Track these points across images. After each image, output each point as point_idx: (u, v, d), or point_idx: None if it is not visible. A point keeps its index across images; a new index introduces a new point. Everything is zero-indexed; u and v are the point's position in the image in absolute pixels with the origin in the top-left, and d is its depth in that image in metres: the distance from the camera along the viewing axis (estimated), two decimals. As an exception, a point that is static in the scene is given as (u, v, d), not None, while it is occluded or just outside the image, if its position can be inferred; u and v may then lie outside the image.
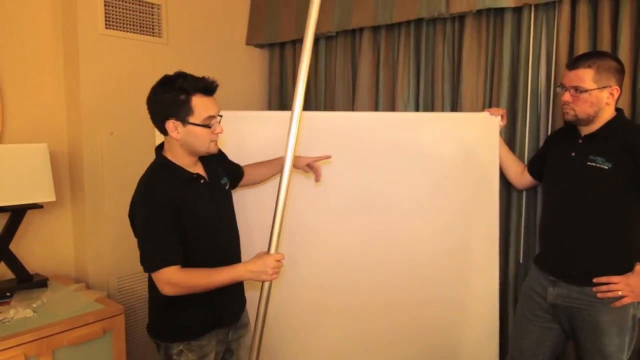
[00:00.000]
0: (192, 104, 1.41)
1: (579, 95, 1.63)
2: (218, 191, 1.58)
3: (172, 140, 1.46)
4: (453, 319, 2.09)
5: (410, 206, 2.04)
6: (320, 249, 2.05)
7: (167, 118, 1.41)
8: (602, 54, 1.71)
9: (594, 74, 1.60)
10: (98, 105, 2.30)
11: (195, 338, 1.50)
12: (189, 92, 1.41)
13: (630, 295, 1.58)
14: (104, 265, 2.36)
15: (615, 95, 1.61)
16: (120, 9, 2.36)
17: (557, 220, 1.75)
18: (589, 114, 1.64)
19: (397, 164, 2.03)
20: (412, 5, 2.30)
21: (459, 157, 2.03)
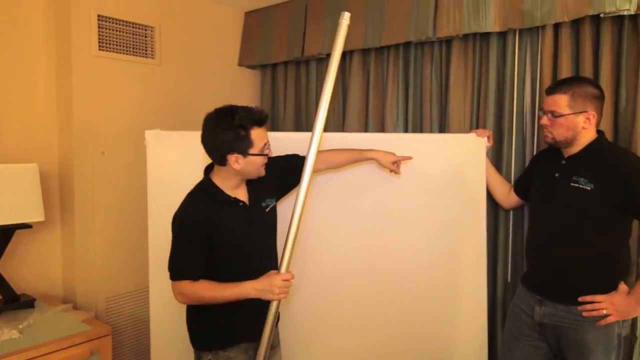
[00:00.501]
0: (252, 138, 1.51)
1: (556, 120, 1.68)
2: (257, 215, 1.63)
3: (223, 169, 1.55)
4: (442, 336, 2.09)
5: (399, 226, 2.06)
6: (310, 263, 2.04)
7: (229, 153, 1.50)
8: (579, 79, 1.76)
9: (568, 99, 1.65)
10: (90, 126, 2.31)
11: (223, 349, 1.58)
12: (247, 128, 1.50)
13: (614, 313, 1.60)
14: (92, 285, 2.35)
15: (592, 120, 1.65)
16: (114, 30, 2.39)
17: (543, 240, 1.78)
18: (567, 137, 1.68)
19: (387, 183, 2.05)
20: (400, 29, 2.36)
21: (447, 177, 2.06)
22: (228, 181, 1.58)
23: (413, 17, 2.31)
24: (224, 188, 1.57)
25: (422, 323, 2.08)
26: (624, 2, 1.77)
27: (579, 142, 1.69)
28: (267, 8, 2.94)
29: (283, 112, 3.00)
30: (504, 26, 2.08)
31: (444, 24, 2.22)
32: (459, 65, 2.29)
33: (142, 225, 2.06)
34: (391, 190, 2.06)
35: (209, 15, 2.86)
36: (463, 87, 2.29)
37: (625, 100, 1.88)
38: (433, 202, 2.06)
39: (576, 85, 1.67)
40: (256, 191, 1.65)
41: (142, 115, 2.51)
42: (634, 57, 1.86)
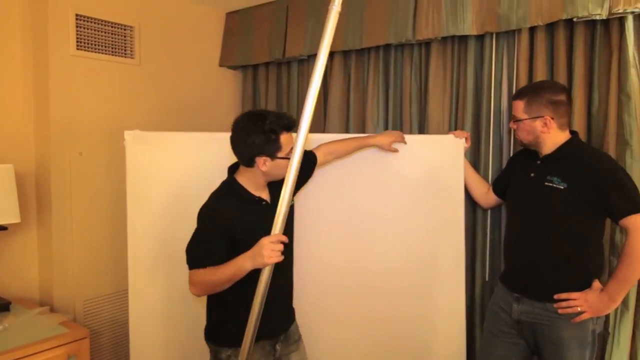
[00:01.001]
0: (281, 142, 1.56)
1: (518, 124, 1.79)
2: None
3: (249, 169, 1.61)
4: (421, 336, 2.11)
5: (377, 226, 2.08)
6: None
7: (258, 155, 1.56)
8: (538, 86, 1.82)
9: (524, 105, 1.75)
10: (68, 126, 2.28)
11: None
12: (277, 132, 1.55)
13: (589, 310, 1.64)
14: (69, 287, 2.31)
15: (550, 124, 1.71)
16: (92, 30, 2.37)
17: (519, 238, 1.82)
18: (529, 140, 1.78)
19: (366, 184, 2.07)
20: (380, 31, 2.38)
21: (425, 178, 2.09)
22: (252, 181, 1.63)
23: (393, 19, 2.34)
24: (248, 187, 1.63)
25: (400, 322, 2.10)
26: (595, 7, 1.82)
27: (548, 144, 1.74)
28: (248, 9, 2.94)
29: (264, 113, 2.99)
30: (481, 29, 2.12)
31: (422, 26, 2.25)
32: (437, 67, 2.32)
33: (121, 226, 2.04)
34: (369, 190, 2.07)
35: (190, 15, 2.85)
36: (442, 88, 2.33)
37: (598, 102, 1.93)
38: (412, 203, 2.09)
39: (533, 92, 1.76)
40: (277, 191, 1.65)
41: (121, 116, 2.48)
42: (606, 60, 1.91)
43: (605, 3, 1.81)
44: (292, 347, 1.74)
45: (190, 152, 1.98)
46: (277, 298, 1.62)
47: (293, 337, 1.76)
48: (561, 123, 1.72)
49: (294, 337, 1.76)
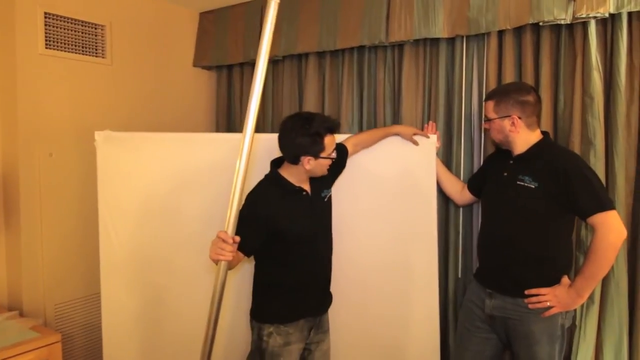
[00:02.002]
0: (325, 143, 1.69)
1: (489, 123, 1.85)
2: (318, 204, 1.83)
3: (292, 166, 1.73)
4: (395, 335, 2.14)
5: (350, 225, 2.09)
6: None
7: (303, 155, 1.68)
8: (506, 88, 1.87)
9: (494, 105, 1.81)
10: (37, 126, 2.23)
11: (284, 323, 1.74)
12: (322, 135, 1.68)
13: (557, 305, 1.69)
14: (40, 291, 2.26)
15: (517, 123, 1.76)
16: (62, 29, 2.32)
17: (492, 235, 1.87)
18: (499, 139, 1.84)
19: (339, 183, 2.08)
20: (354, 33, 2.41)
21: (398, 177, 2.12)
22: (295, 176, 1.75)
23: (366, 21, 2.37)
24: (291, 180, 1.75)
25: (374, 321, 2.12)
26: (560, 12, 1.89)
27: (519, 143, 1.78)
28: (223, 9, 2.93)
29: (239, 113, 2.99)
30: (452, 32, 2.17)
31: (395, 29, 2.29)
32: (410, 69, 2.36)
33: (92, 228, 2.01)
34: (341, 190, 2.09)
35: (163, 15, 2.82)
36: (414, 89, 2.37)
37: (563, 103, 2.00)
38: (384, 202, 2.11)
39: (502, 93, 1.82)
40: (317, 183, 1.83)
41: (92, 116, 2.44)
42: (570, 63, 1.98)
43: (569, 8, 1.88)
44: (322, 336, 1.87)
45: (162, 152, 1.96)
46: (322, 283, 1.84)
47: (324, 325, 1.88)
48: (529, 122, 1.77)
49: (324, 326, 1.89)
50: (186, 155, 1.97)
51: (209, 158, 2.00)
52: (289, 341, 1.74)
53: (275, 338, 1.72)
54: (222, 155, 1.97)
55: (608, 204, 1.60)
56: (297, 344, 1.77)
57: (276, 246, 1.71)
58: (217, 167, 1.97)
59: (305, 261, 1.77)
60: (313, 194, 1.81)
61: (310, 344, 1.84)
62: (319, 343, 1.86)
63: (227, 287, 1.53)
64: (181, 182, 1.86)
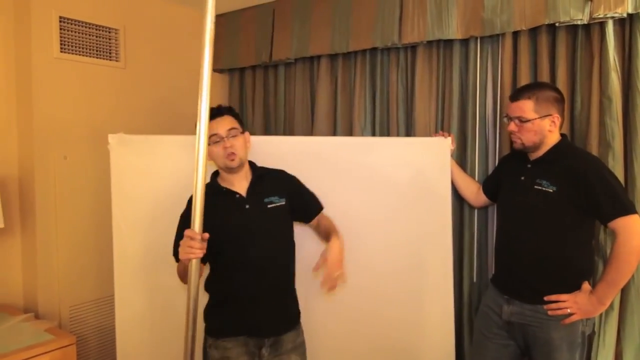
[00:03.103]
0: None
1: (523, 125, 1.73)
2: (255, 208, 1.68)
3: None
4: (409, 339, 2.12)
5: (365, 228, 2.08)
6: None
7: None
8: (541, 85, 1.83)
9: (534, 104, 1.71)
10: (51, 129, 2.25)
11: (220, 337, 1.65)
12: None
13: (578, 312, 1.65)
14: (54, 293, 2.28)
15: (557, 122, 1.72)
16: (77, 32, 2.34)
17: (510, 241, 1.83)
18: (535, 141, 1.73)
19: (354, 186, 2.07)
20: (367, 35, 2.40)
21: (412, 180, 2.10)
22: (223, 175, 1.71)
23: (379, 23, 2.35)
24: (222, 182, 1.70)
25: (389, 325, 2.10)
26: (577, 12, 1.86)
27: (545, 145, 1.74)
28: (235, 12, 2.93)
29: (252, 116, 2.99)
30: (466, 33, 2.15)
31: (408, 31, 2.27)
32: (423, 70, 2.34)
33: (106, 231, 2.02)
34: (356, 193, 2.08)
35: (176, 18, 2.83)
36: (428, 92, 2.35)
37: (580, 105, 1.97)
38: (399, 205, 2.09)
39: (539, 90, 1.73)
40: (259, 187, 1.73)
41: (106, 119, 2.46)
42: (587, 64, 1.95)
43: (586, 8, 1.85)
44: (282, 356, 1.67)
45: (175, 155, 1.96)
46: (262, 296, 1.65)
47: (285, 345, 1.68)
48: (562, 122, 1.74)
49: (286, 345, 1.68)
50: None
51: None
52: (227, 356, 1.62)
53: (213, 351, 1.64)
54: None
55: (630, 208, 1.56)
56: (239, 358, 1.63)
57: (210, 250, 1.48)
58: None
59: (236, 271, 1.64)
60: (250, 197, 1.68)
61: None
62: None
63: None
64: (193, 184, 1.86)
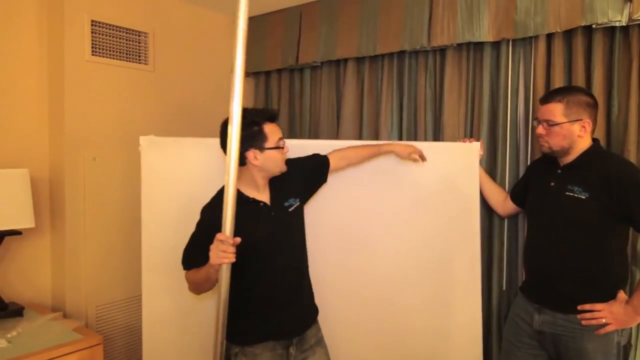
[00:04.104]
0: (266, 132, 1.58)
1: (551, 129, 1.69)
2: (279, 215, 1.67)
3: (243, 170, 1.59)
4: (437, 348, 2.08)
5: (393, 234, 2.05)
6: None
7: (247, 150, 1.56)
8: (573, 89, 1.78)
9: (564, 108, 1.67)
10: (82, 131, 2.29)
11: (249, 344, 1.61)
12: (259, 123, 1.58)
13: (613, 322, 1.59)
14: (82, 293, 2.31)
15: (588, 128, 1.66)
16: (107, 36, 2.38)
17: (540, 248, 1.78)
18: (563, 146, 1.69)
19: (381, 192, 2.05)
20: (395, 38, 2.37)
21: (440, 185, 2.06)
22: (250, 182, 1.63)
23: (407, 26, 2.33)
24: (245, 190, 1.63)
25: (415, 332, 2.07)
26: (615, 14, 1.80)
27: (576, 150, 1.69)
28: (262, 16, 2.94)
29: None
30: (498, 36, 2.10)
31: (438, 33, 2.24)
32: (453, 74, 2.30)
33: (134, 232, 2.04)
34: (384, 197, 2.05)
35: (203, 22, 2.85)
36: (457, 96, 2.31)
37: (617, 109, 1.90)
38: (427, 210, 2.06)
39: (570, 94, 1.69)
40: (278, 192, 1.70)
41: (134, 121, 2.49)
42: (625, 68, 1.89)
43: (625, 9, 1.79)
44: (307, 352, 1.70)
45: (204, 158, 1.97)
46: (287, 299, 1.66)
47: (309, 341, 1.72)
48: (594, 128, 1.69)
49: (309, 341, 1.72)
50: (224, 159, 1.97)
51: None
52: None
53: (241, 359, 1.62)
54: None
55: None
56: None
57: (238, 262, 1.46)
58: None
59: (264, 278, 1.63)
60: (273, 204, 1.67)
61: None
62: (307, 359, 1.70)
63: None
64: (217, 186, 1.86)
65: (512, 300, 2.06)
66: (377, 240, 2.05)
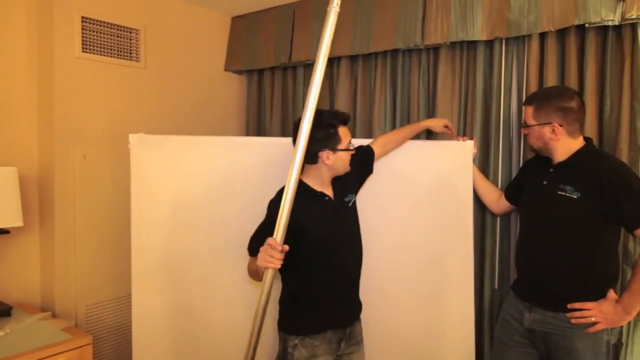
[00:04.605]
0: (340, 135, 1.66)
1: (527, 129, 1.77)
2: (341, 209, 1.76)
3: (312, 167, 1.68)
4: (429, 346, 2.08)
5: (387, 233, 2.05)
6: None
7: (321, 150, 1.64)
8: (549, 93, 1.78)
9: (533, 111, 1.73)
10: (72, 129, 2.26)
11: (309, 334, 1.67)
12: (335, 126, 1.65)
13: (603, 321, 1.60)
14: (71, 292, 2.28)
15: (558, 132, 1.67)
16: (98, 33, 2.35)
17: (532, 247, 1.78)
18: (539, 146, 1.76)
19: (374, 190, 2.04)
20: (388, 36, 2.37)
21: (434, 184, 2.06)
22: (317, 178, 1.70)
23: (401, 24, 2.32)
24: (313, 185, 1.70)
25: (408, 330, 2.07)
26: (608, 13, 1.80)
27: (560, 151, 1.70)
28: (254, 13, 2.93)
29: (270, 117, 2.98)
30: (491, 35, 2.10)
31: (431, 31, 2.23)
32: (446, 72, 2.30)
33: (124, 231, 2.02)
34: (377, 195, 2.05)
35: (196, 19, 2.83)
36: (450, 94, 2.30)
37: (610, 108, 1.91)
38: (420, 209, 2.06)
39: (544, 98, 1.73)
40: (339, 188, 1.77)
41: (125, 119, 2.46)
42: (618, 67, 1.89)
43: (618, 8, 1.79)
44: (354, 347, 1.78)
45: (195, 156, 1.95)
46: (345, 290, 1.76)
47: (356, 336, 1.80)
48: (571, 130, 1.68)
49: (357, 337, 1.80)
50: (220, 158, 1.95)
51: (242, 161, 1.98)
52: (315, 354, 1.67)
53: (301, 350, 1.66)
54: (257, 159, 1.95)
55: None
56: (325, 356, 1.69)
57: (299, 254, 1.61)
58: (250, 170, 1.95)
59: (329, 270, 1.70)
60: (336, 199, 1.75)
61: (342, 356, 1.77)
62: (350, 355, 1.78)
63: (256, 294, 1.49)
64: (214, 185, 1.84)
65: (504, 298, 2.06)
66: (370, 239, 2.04)
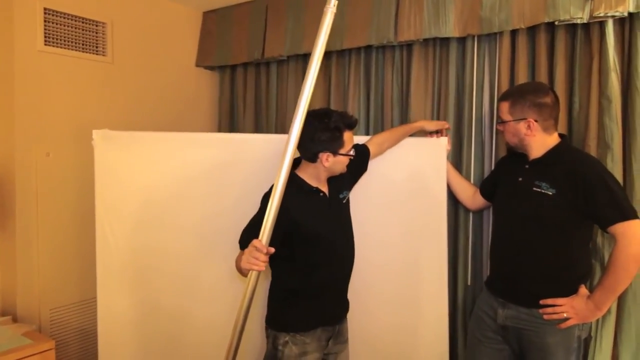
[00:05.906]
0: (344, 139, 1.65)
1: (502, 125, 1.78)
2: (336, 205, 1.77)
3: (310, 165, 1.68)
4: (404, 344, 2.07)
5: (358, 230, 2.02)
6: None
7: (322, 151, 1.63)
8: (524, 89, 1.79)
9: (509, 107, 1.74)
10: (34, 125, 2.18)
11: (300, 331, 1.66)
12: (341, 130, 1.63)
13: (575, 317, 1.62)
14: (35, 295, 2.20)
15: (533, 127, 1.68)
16: (62, 25, 2.27)
17: (506, 243, 1.79)
18: (514, 142, 1.77)
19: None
20: (362, 33, 2.35)
21: (407, 181, 2.05)
22: (314, 176, 1.70)
23: (374, 21, 2.31)
24: (309, 181, 1.70)
25: (382, 327, 2.05)
26: (577, 11, 1.82)
27: (535, 147, 1.71)
28: (227, 8, 2.87)
29: (242, 114, 2.93)
30: (464, 32, 2.10)
31: (404, 28, 2.23)
32: (419, 69, 2.30)
33: (90, 231, 1.94)
34: (351, 194, 2.03)
35: (166, 13, 2.76)
36: (423, 91, 2.30)
37: (579, 105, 1.93)
38: (394, 206, 2.05)
39: (519, 94, 1.74)
40: (334, 184, 1.77)
41: (92, 115, 2.39)
42: (586, 65, 1.91)
43: (586, 7, 1.81)
44: (340, 346, 1.79)
45: (163, 153, 1.89)
46: (337, 288, 1.77)
47: (343, 335, 1.81)
48: (546, 126, 1.70)
49: (344, 335, 1.81)
50: (187, 155, 1.90)
51: (210, 159, 1.92)
52: (306, 351, 1.66)
53: (291, 347, 1.65)
54: (225, 156, 1.90)
55: (630, 214, 1.52)
56: (314, 353, 1.68)
57: (292, 249, 1.64)
58: (218, 168, 1.90)
59: (322, 266, 1.69)
60: (331, 195, 1.75)
61: (329, 355, 1.76)
62: (337, 354, 1.78)
63: (240, 291, 1.47)
64: (181, 183, 1.79)
65: (477, 295, 2.07)
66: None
